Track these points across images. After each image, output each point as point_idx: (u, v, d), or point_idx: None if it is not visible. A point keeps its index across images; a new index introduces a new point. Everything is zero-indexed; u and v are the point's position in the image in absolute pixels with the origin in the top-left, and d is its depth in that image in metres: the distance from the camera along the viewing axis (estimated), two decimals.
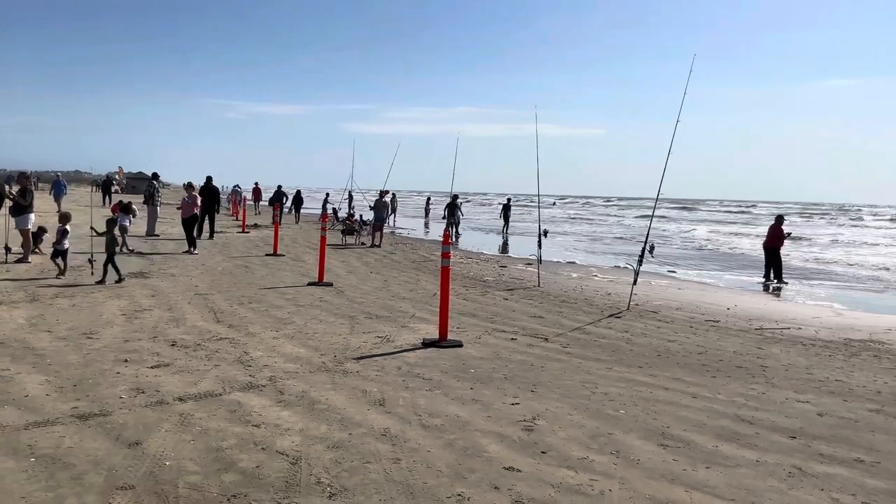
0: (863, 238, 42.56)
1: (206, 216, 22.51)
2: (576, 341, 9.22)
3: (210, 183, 23.46)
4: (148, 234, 21.98)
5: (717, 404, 6.48)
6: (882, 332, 11.39)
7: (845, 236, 43.91)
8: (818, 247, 34.28)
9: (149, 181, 24.48)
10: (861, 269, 23.99)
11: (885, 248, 35.37)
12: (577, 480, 4.53)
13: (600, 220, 58.51)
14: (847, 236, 43.99)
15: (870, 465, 5.07)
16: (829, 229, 51.57)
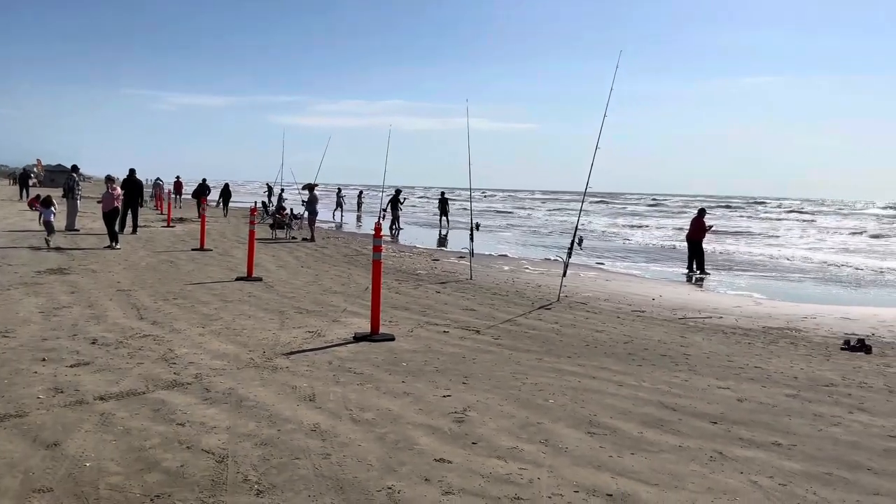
0: (777, 230, 44.32)
1: (128, 210, 21.84)
2: (507, 333, 9.31)
3: (133, 176, 22.76)
4: (68, 229, 21.17)
5: (642, 392, 6.65)
6: (799, 319, 11.88)
7: (759, 228, 45.64)
8: (735, 238, 35.53)
9: (68, 174, 23.55)
10: (779, 260, 24.97)
11: (798, 239, 36.93)
12: (507, 470, 4.58)
13: (529, 214, 59.23)
14: (761, 228, 45.73)
15: (787, 448, 5.28)
16: (747, 222, 53.46)
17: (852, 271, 21.88)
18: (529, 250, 25.32)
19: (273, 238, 23.26)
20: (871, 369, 8.25)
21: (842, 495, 4.42)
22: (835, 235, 40.52)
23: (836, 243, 34.87)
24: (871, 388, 7.32)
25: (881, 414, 6.31)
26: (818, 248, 31.94)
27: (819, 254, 28.49)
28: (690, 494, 4.32)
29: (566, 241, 14.28)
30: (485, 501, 4.10)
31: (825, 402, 6.64)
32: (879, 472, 4.87)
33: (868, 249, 31.45)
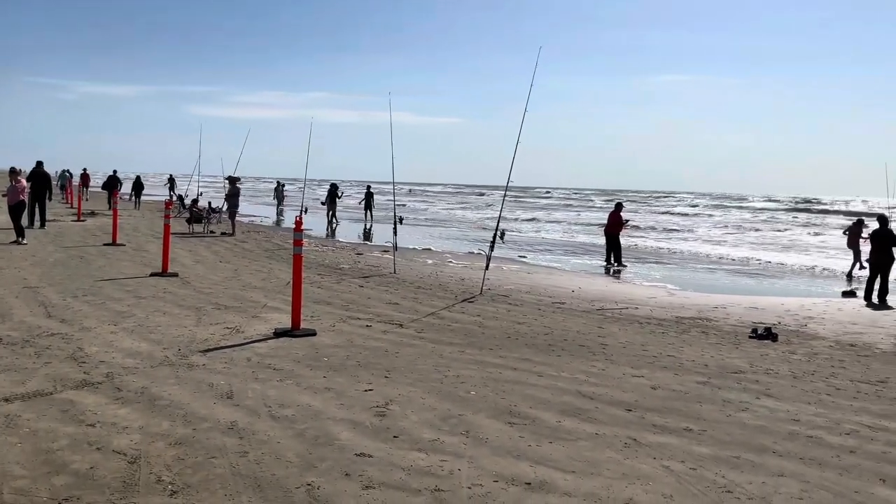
0: (687, 223, 45.94)
1: (36, 204, 20.88)
2: (430, 326, 9.34)
3: (40, 168, 21.76)
4: None
5: (560, 382, 6.78)
6: (709, 309, 12.33)
7: (674, 222, 47.21)
8: (650, 232, 36.63)
9: None
10: (692, 252, 25.88)
11: (707, 232, 38.36)
12: (428, 462, 4.59)
13: (452, 208, 59.55)
14: (676, 222, 47.31)
15: (697, 433, 5.47)
16: (663, 216, 55.15)
17: (759, 263, 22.87)
18: (454, 244, 25.45)
19: (190, 232, 22.64)
20: (777, 356, 8.64)
21: (749, 477, 4.62)
22: (745, 231, 42.22)
23: (740, 238, 36.35)
24: (777, 374, 7.66)
25: (786, 399, 6.61)
26: (724, 241, 33.25)
27: (724, 248, 29.65)
28: (606, 480, 4.43)
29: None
30: (405, 494, 4.11)
31: (734, 388, 6.92)
32: (784, 454, 5.10)
33: (761, 242, 32.93)
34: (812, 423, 5.87)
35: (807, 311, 12.58)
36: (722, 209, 66.08)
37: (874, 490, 4.51)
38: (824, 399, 6.67)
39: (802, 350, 9.13)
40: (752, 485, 4.48)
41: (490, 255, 13.60)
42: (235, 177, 23.92)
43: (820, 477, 4.68)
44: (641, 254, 24.39)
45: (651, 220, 47.00)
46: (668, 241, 31.44)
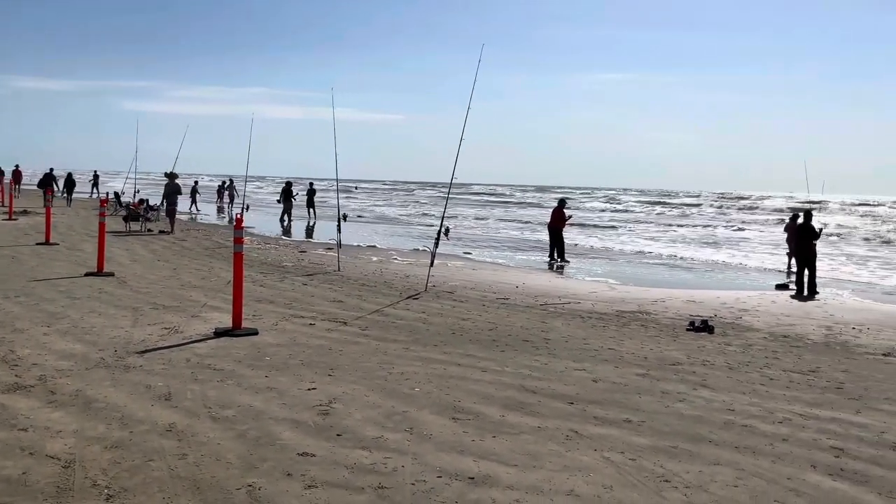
0: (623, 219, 46.83)
1: None
2: (374, 324, 9.30)
3: None
4: None
5: (504, 376, 6.83)
6: (649, 303, 12.59)
7: (615, 219, 48.07)
8: (592, 230, 37.23)
9: None
10: (627, 249, 26.38)
11: (647, 228, 39.17)
12: (372, 460, 4.58)
13: (397, 205, 59.43)
14: (617, 219, 48.18)
15: (636, 424, 5.58)
16: (603, 214, 56.06)
17: (693, 259, 23.45)
18: (399, 241, 25.40)
19: (127, 231, 22.07)
20: (714, 348, 8.87)
21: (686, 466, 4.73)
22: (679, 227, 43.22)
23: (675, 235, 37.21)
24: (714, 365, 7.87)
25: (722, 389, 6.79)
26: (658, 237, 34.00)
27: (658, 244, 30.33)
28: (548, 473, 4.49)
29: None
30: (348, 492, 4.09)
31: (672, 379, 7.08)
32: (720, 443, 5.24)
33: (695, 238, 33.80)
34: (746, 412, 6.05)
35: (742, 303, 12.95)
36: (660, 205, 67.44)
37: (805, 476, 4.67)
38: (758, 389, 6.88)
39: (737, 342, 9.40)
40: (689, 473, 4.60)
41: (435, 251, 13.62)
42: (174, 173, 23.40)
43: (754, 464, 4.83)
44: (583, 250, 24.76)
45: (588, 217, 47.73)
46: (604, 237, 31.98)
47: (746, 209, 63.30)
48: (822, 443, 5.34)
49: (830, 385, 7.15)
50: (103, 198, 15.77)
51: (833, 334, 10.32)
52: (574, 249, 23.28)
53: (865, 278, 18.97)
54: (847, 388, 7.04)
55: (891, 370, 8.07)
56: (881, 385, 7.26)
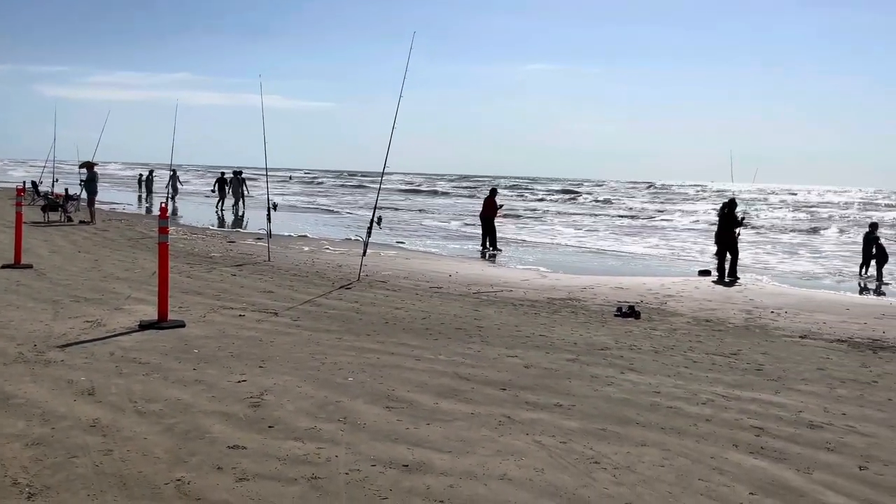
0: (554, 209, 47.61)
1: None
2: (307, 314, 9.20)
3: None
4: None
5: (438, 364, 6.86)
6: (579, 290, 12.83)
7: (539, 208, 48.78)
8: (521, 219, 37.69)
9: None
10: (558, 238, 26.84)
11: (581, 220, 39.91)
12: (304, 450, 4.54)
13: (331, 194, 58.86)
14: (543, 207, 48.89)
15: (567, 409, 5.69)
16: (529, 204, 56.79)
17: (621, 246, 24.02)
18: (331, 230, 25.16)
19: (45, 221, 21.21)
20: (640, 333, 9.11)
21: (614, 448, 4.85)
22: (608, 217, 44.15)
23: (608, 223, 38.03)
24: (640, 349, 8.08)
25: (648, 372, 6.98)
26: (586, 226, 34.70)
27: (589, 232, 30.96)
28: (481, 458, 4.54)
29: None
30: (280, 484, 4.04)
31: (601, 364, 7.24)
32: (646, 424, 5.39)
33: (623, 227, 34.65)
34: (672, 394, 6.24)
35: (666, 289, 13.33)
36: (589, 194, 68.68)
37: (727, 455, 4.84)
38: (682, 372, 7.10)
39: (663, 326, 9.67)
40: (617, 455, 4.71)
41: (367, 241, 13.54)
42: (93, 162, 22.59)
43: (679, 444, 4.98)
44: (515, 239, 25.04)
45: (519, 207, 48.30)
46: (533, 226, 32.43)
47: (669, 197, 65.04)
48: (744, 422, 5.55)
49: (751, 367, 7.44)
50: (20, 187, 15.07)
51: (753, 318, 10.73)
52: (505, 238, 23.52)
53: (784, 264, 19.78)
54: (766, 370, 7.33)
55: (807, 352, 8.44)
56: (798, 366, 7.58)
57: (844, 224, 37.29)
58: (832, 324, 10.39)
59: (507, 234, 25.25)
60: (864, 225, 22.36)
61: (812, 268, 19.43)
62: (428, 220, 33.26)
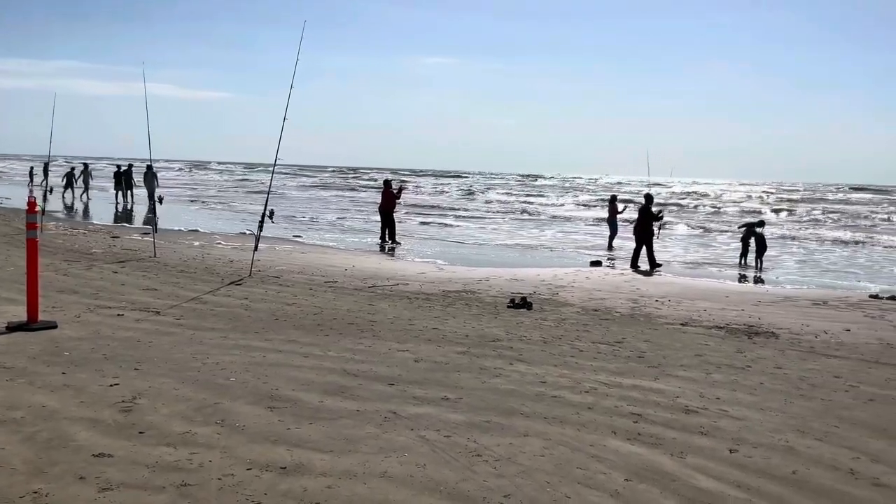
0: (457, 202, 48.01)
1: None
2: (191, 312, 8.86)
3: None
4: None
5: (326, 361, 6.73)
6: (474, 283, 12.93)
7: (442, 201, 49.09)
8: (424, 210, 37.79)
9: None
10: (462, 230, 27.03)
11: (484, 214, 40.34)
12: (176, 456, 4.33)
13: (226, 186, 57.22)
14: (445, 202, 49.21)
15: (454, 402, 5.69)
16: (436, 196, 57.03)
17: (519, 238, 24.42)
18: (225, 224, 24.42)
19: None
20: (531, 323, 9.25)
21: (497, 439, 4.88)
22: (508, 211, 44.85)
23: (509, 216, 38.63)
24: (530, 340, 8.20)
25: (536, 363, 7.09)
26: (492, 218, 35.16)
27: (490, 224, 31.35)
28: (363, 456, 4.46)
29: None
30: (147, 493, 3.84)
31: (490, 356, 7.29)
32: (530, 415, 5.46)
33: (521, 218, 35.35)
34: (557, 383, 6.35)
35: (559, 280, 13.62)
36: (495, 187, 69.54)
37: (606, 442, 4.96)
38: (569, 361, 7.24)
39: (553, 316, 9.86)
40: (499, 446, 4.74)
41: (259, 235, 13.18)
42: None
43: (560, 434, 5.07)
44: (415, 232, 25.03)
45: (421, 200, 48.40)
46: (434, 220, 32.57)
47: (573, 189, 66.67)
48: (623, 409, 5.71)
49: (633, 354, 7.67)
50: None
51: (638, 307, 11.09)
52: (405, 231, 23.48)
53: (673, 254, 20.57)
54: (648, 357, 7.58)
55: (687, 339, 8.78)
56: (678, 353, 7.87)
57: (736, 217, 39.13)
58: (712, 311, 10.87)
59: (409, 228, 25.21)
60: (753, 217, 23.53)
61: (697, 257, 20.32)
62: (327, 214, 32.81)
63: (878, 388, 6.74)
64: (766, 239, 18.94)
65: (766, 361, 7.65)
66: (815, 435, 5.32)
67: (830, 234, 29.68)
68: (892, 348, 8.62)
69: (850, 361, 7.84)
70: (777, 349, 8.33)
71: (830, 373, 7.24)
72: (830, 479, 4.53)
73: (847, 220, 38.30)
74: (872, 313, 11.20)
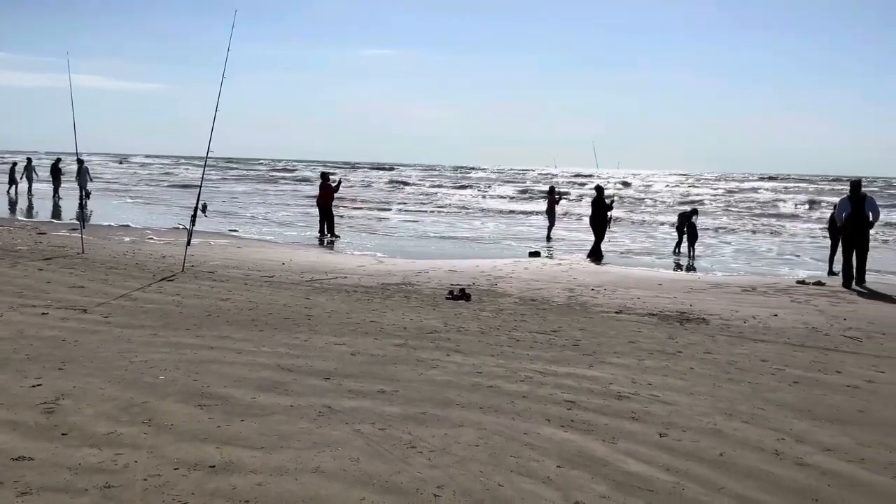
0: (400, 194, 47.90)
1: None
2: (120, 309, 8.60)
3: None
4: None
5: (260, 357, 6.62)
6: (414, 275, 12.90)
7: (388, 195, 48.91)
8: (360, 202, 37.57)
9: None
10: (403, 222, 26.96)
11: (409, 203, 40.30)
12: (100, 458, 4.20)
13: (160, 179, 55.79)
14: (387, 195, 49.04)
15: (390, 394, 5.66)
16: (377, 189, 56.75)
17: (457, 230, 24.49)
18: (158, 219, 23.79)
19: None
20: (469, 314, 9.27)
21: (432, 431, 4.87)
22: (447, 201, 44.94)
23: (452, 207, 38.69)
24: (468, 331, 8.22)
25: (473, 353, 7.11)
26: (435, 210, 35.17)
27: (433, 216, 31.37)
28: (295, 452, 4.40)
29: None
30: (69, 496, 3.71)
31: (428, 347, 7.28)
32: (466, 405, 5.47)
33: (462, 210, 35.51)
34: (493, 373, 6.38)
35: (498, 271, 13.70)
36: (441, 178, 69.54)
37: (540, 430, 5.00)
38: (506, 351, 7.29)
39: (491, 307, 9.91)
40: (434, 438, 4.74)
41: (192, 229, 12.88)
42: None
43: (495, 423, 5.09)
44: (353, 224, 24.86)
45: (361, 193, 48.11)
46: (375, 212, 32.42)
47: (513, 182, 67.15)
48: (558, 397, 5.77)
49: (569, 343, 7.76)
50: None
51: (575, 296, 11.24)
52: (344, 224, 23.30)
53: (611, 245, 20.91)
54: (583, 345, 7.68)
55: (621, 326, 8.94)
56: (612, 340, 8.00)
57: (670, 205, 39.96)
58: (646, 299, 11.08)
59: (347, 221, 25.02)
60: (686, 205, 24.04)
61: (634, 246, 20.71)
62: (262, 207, 32.29)
63: (802, 370, 6.98)
64: (698, 228, 19.42)
65: (697, 347, 7.84)
66: (742, 417, 5.47)
67: (760, 223, 30.64)
68: (816, 332, 8.94)
69: (776, 345, 8.10)
70: (707, 335, 8.55)
71: (758, 357, 7.47)
72: (756, 460, 4.66)
73: (768, 208, 39.56)
74: (799, 298, 11.59)
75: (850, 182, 13.98)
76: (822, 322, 9.62)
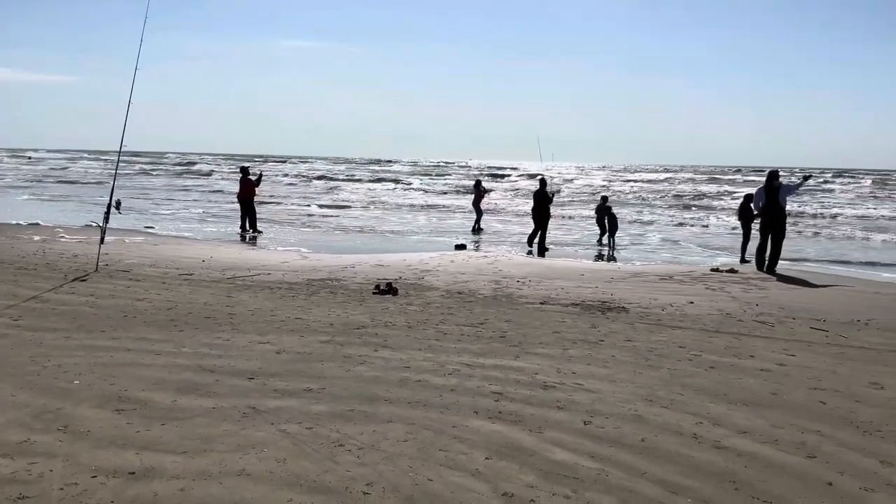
0: (327, 187, 47.40)
1: None
2: (30, 312, 8.21)
3: None
4: None
5: (180, 358, 6.43)
6: (340, 270, 12.77)
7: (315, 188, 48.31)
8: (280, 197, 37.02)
9: None
10: (329, 217, 26.68)
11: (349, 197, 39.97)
12: (13, 468, 4.00)
13: (76, 175, 53.56)
14: (314, 189, 48.44)
15: (317, 392, 5.59)
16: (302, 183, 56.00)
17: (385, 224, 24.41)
18: (69, 216, 22.83)
19: None
20: (397, 309, 9.25)
21: (360, 428, 4.84)
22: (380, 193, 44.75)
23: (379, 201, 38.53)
24: (395, 326, 8.19)
25: (401, 348, 7.09)
26: (364, 204, 34.96)
27: (361, 210, 31.18)
28: (219, 455, 4.30)
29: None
30: None
31: (355, 343, 7.23)
32: (394, 400, 5.45)
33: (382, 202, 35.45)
34: (421, 367, 6.38)
35: (425, 264, 13.71)
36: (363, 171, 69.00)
37: (468, 423, 5.03)
38: (433, 344, 7.30)
39: (418, 301, 9.91)
40: (363, 435, 4.71)
41: (105, 226, 12.40)
42: None
43: (424, 417, 5.09)
44: (278, 218, 24.45)
45: (281, 188, 47.41)
46: (300, 206, 32.01)
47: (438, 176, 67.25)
48: (485, 389, 5.82)
49: (495, 335, 7.84)
50: None
51: (501, 288, 11.35)
52: (269, 219, 22.88)
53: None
54: (509, 336, 7.77)
55: (546, 317, 9.08)
56: (537, 331, 8.12)
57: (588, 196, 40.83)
58: (569, 289, 11.29)
59: (271, 216, 24.57)
60: (597, 198, 24.61)
61: (558, 238, 21.07)
62: (179, 203, 31.41)
63: (717, 355, 7.24)
64: (619, 220, 19.92)
65: (618, 335, 8.04)
66: (662, 403, 5.64)
67: (679, 214, 31.65)
68: (730, 318, 9.29)
69: (693, 332, 8.38)
70: (627, 323, 8.77)
71: (676, 343, 7.71)
72: (676, 444, 4.81)
73: (688, 199, 40.93)
74: (713, 286, 12.03)
75: (768, 172, 14.56)
76: (735, 308, 10.01)
